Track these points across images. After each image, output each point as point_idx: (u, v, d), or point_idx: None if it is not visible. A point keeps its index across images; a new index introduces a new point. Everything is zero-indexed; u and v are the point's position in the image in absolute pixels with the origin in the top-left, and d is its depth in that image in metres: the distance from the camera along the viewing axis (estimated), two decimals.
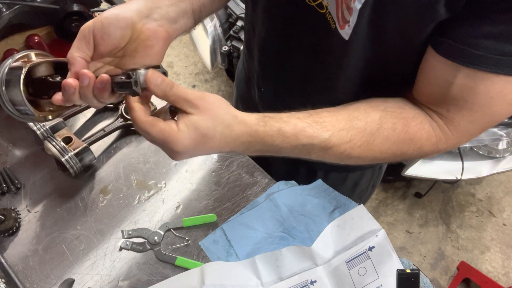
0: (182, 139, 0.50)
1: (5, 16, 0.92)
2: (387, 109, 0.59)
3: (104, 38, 0.53)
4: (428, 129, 0.57)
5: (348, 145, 0.57)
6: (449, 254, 1.94)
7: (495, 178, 2.19)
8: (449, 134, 0.57)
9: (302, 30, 0.65)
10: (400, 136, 0.57)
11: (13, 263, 0.75)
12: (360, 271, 0.69)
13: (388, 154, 0.59)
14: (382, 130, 0.57)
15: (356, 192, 1.00)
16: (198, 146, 0.51)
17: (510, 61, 0.48)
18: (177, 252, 0.76)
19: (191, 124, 0.50)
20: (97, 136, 0.88)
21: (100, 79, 0.50)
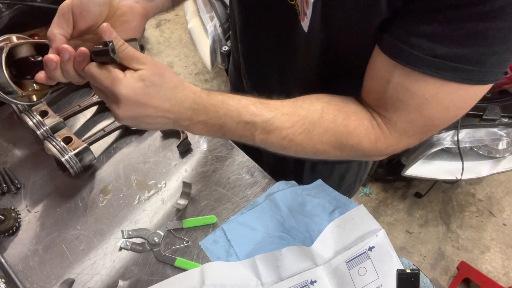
0: (126, 85, 0.49)
1: (5, 16, 0.92)
2: (330, 102, 0.59)
3: (83, 15, 0.54)
4: (367, 125, 0.58)
5: (290, 130, 0.57)
6: (449, 254, 1.94)
7: (495, 178, 2.18)
8: (387, 133, 0.57)
9: (275, 21, 0.67)
10: (340, 128, 0.58)
11: (13, 263, 0.75)
12: (360, 271, 0.69)
13: (328, 145, 0.59)
14: (323, 120, 0.58)
15: (343, 185, 1.01)
16: (141, 99, 0.50)
17: (443, 64, 0.47)
18: (177, 253, 0.76)
19: (137, 75, 0.49)
20: (97, 136, 0.88)
21: (79, 52, 0.50)
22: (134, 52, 0.51)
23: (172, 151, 0.90)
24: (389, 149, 0.59)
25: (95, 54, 0.50)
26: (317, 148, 0.59)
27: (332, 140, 0.58)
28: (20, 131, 0.93)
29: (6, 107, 0.95)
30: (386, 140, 0.58)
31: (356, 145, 0.59)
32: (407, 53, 0.49)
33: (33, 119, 0.85)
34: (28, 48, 0.57)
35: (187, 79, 2.56)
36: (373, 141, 0.58)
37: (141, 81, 0.49)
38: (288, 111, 0.58)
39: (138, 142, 0.92)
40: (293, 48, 0.67)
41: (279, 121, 0.57)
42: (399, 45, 0.49)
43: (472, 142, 1.57)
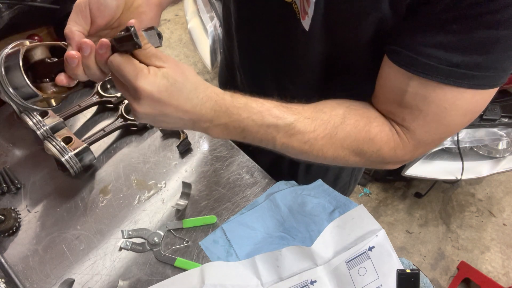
0: (149, 81, 0.48)
1: (5, 16, 0.92)
2: (351, 107, 0.59)
3: (101, 10, 0.54)
4: (388, 132, 0.58)
5: (312, 134, 0.57)
6: (449, 254, 1.94)
7: (495, 178, 2.18)
8: (406, 141, 0.57)
9: (271, 19, 0.67)
10: (362, 134, 0.57)
11: (13, 263, 0.75)
12: (360, 271, 0.69)
13: (348, 151, 0.59)
14: (345, 125, 0.57)
15: (338, 185, 1.01)
16: (163, 97, 0.49)
17: (460, 73, 0.48)
18: (177, 253, 0.76)
19: (161, 73, 0.49)
20: (97, 136, 0.88)
21: (100, 43, 0.50)
22: (156, 51, 0.50)
23: (172, 151, 0.90)
24: (406, 157, 0.59)
25: (118, 41, 0.49)
26: (338, 153, 0.59)
27: (354, 145, 0.58)
28: (20, 131, 0.92)
29: (6, 107, 0.95)
30: (405, 148, 0.58)
31: (376, 151, 0.58)
32: (423, 64, 0.49)
33: (33, 119, 0.85)
34: (43, 51, 0.56)
35: None
36: (392, 148, 0.58)
37: (164, 79, 0.49)
38: (311, 115, 0.57)
39: (138, 142, 0.92)
40: (290, 46, 0.67)
41: (302, 124, 0.56)
42: (413, 57, 0.50)
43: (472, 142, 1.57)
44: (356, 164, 0.62)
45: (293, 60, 0.69)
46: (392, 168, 0.63)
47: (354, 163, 0.61)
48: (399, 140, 0.58)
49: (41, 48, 0.56)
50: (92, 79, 0.54)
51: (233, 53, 0.86)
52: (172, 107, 0.51)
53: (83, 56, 0.50)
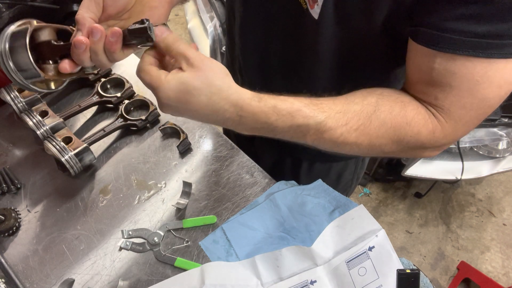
0: (165, 89, 0.50)
1: (5, 16, 0.92)
2: (383, 93, 0.58)
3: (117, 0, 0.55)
4: (424, 114, 0.56)
5: (345, 128, 0.56)
6: (449, 254, 1.94)
7: (495, 178, 2.19)
8: (443, 121, 0.55)
9: (276, 12, 0.66)
10: (397, 119, 0.56)
11: (13, 263, 0.75)
12: (360, 271, 0.69)
13: (385, 139, 0.57)
14: (379, 112, 0.56)
15: (340, 184, 1.01)
16: (181, 102, 0.50)
17: (486, 43, 0.47)
18: (177, 253, 0.76)
19: (178, 78, 0.50)
20: (97, 136, 0.88)
21: (112, 32, 0.50)
22: (185, 51, 0.51)
23: (172, 151, 0.90)
24: (446, 139, 0.57)
25: (132, 32, 0.49)
26: (373, 143, 0.57)
27: (390, 133, 0.56)
28: (20, 131, 0.92)
29: (6, 107, 0.95)
30: (443, 129, 0.56)
31: (415, 135, 0.56)
32: (447, 39, 0.48)
33: (33, 119, 0.85)
34: (49, 32, 0.56)
35: None
36: (431, 131, 0.56)
37: (181, 85, 0.50)
38: (342, 109, 0.56)
39: (138, 142, 0.92)
40: (298, 40, 0.66)
41: (333, 120, 0.55)
42: (437, 34, 0.49)
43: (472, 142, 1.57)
44: (393, 153, 0.59)
45: (302, 54, 0.68)
46: (430, 155, 0.61)
47: (390, 151, 0.59)
48: (437, 122, 0.55)
49: (49, 29, 0.55)
50: (97, 65, 0.54)
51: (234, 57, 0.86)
52: (192, 109, 0.52)
53: (92, 41, 0.51)
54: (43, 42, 0.54)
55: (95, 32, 0.50)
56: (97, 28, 0.50)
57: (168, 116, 0.95)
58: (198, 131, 0.93)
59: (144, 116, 0.92)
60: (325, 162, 0.94)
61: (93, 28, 0.50)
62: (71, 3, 0.96)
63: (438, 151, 0.60)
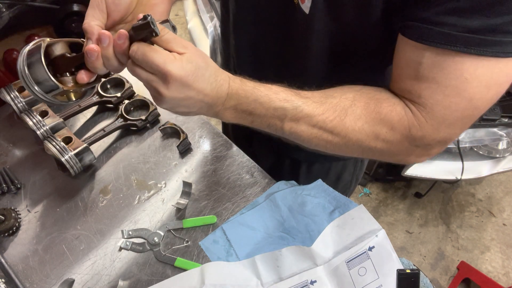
0: (178, 65, 0.50)
1: (5, 16, 0.92)
2: (362, 90, 0.59)
3: (116, 3, 0.56)
4: (399, 111, 0.56)
5: (321, 117, 0.56)
6: (449, 254, 1.94)
7: (495, 178, 2.19)
8: (422, 120, 0.54)
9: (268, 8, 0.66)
10: (372, 115, 0.56)
11: (13, 263, 0.75)
12: (360, 271, 0.69)
13: (361, 134, 0.57)
14: (354, 107, 0.56)
15: (339, 185, 1.01)
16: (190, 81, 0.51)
17: (479, 39, 0.46)
18: (177, 253, 0.76)
19: (186, 58, 0.51)
20: (97, 136, 0.88)
21: (118, 34, 0.52)
22: (175, 36, 0.52)
23: (172, 151, 0.90)
24: (426, 139, 0.55)
25: (135, 29, 0.51)
26: (349, 137, 0.57)
27: (365, 128, 0.57)
28: (20, 131, 0.92)
29: (6, 107, 0.95)
30: (422, 128, 0.54)
31: (389, 131, 0.56)
32: (438, 34, 0.47)
33: (33, 119, 0.85)
34: (62, 46, 0.58)
35: None
36: (406, 127, 0.55)
37: (190, 63, 0.51)
38: (319, 99, 0.57)
39: (138, 142, 0.92)
40: (290, 36, 0.66)
41: (310, 108, 0.56)
42: (427, 28, 0.48)
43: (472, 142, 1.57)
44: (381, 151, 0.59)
45: (294, 50, 0.68)
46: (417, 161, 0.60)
47: (369, 149, 0.59)
48: (414, 119, 0.55)
49: (61, 43, 0.58)
50: (111, 70, 0.56)
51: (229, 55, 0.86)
52: (196, 90, 0.53)
53: (102, 48, 0.52)
54: (58, 56, 0.57)
55: (103, 38, 0.52)
56: (104, 34, 0.51)
57: (168, 116, 0.96)
58: (198, 131, 0.93)
59: (144, 116, 0.92)
60: (324, 162, 0.94)
61: (100, 35, 0.52)
62: (71, 3, 0.96)
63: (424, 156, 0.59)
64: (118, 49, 0.52)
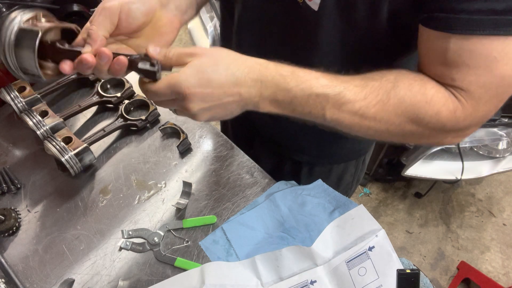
0: (183, 79, 0.50)
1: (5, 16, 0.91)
2: (402, 72, 0.56)
3: (129, 22, 0.56)
4: (444, 93, 0.54)
5: (364, 102, 0.54)
6: (449, 254, 1.94)
7: (495, 178, 2.19)
8: (463, 101, 0.53)
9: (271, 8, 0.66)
10: (417, 97, 0.54)
11: (13, 263, 0.75)
12: (360, 271, 0.69)
13: (404, 117, 0.55)
14: (398, 89, 0.54)
15: (341, 186, 1.00)
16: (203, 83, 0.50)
17: (506, 20, 0.46)
18: (177, 253, 0.76)
19: (189, 66, 0.51)
20: (97, 136, 0.88)
21: (118, 60, 0.52)
22: (181, 51, 0.52)
23: (172, 151, 0.90)
24: (468, 120, 0.54)
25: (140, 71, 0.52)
26: (392, 121, 0.55)
27: (409, 111, 0.54)
28: (20, 131, 0.92)
29: (6, 107, 0.95)
30: (464, 109, 0.53)
31: (434, 115, 0.54)
32: (465, 21, 0.47)
33: (33, 119, 0.85)
34: (55, 33, 0.56)
35: None
36: (452, 110, 0.53)
37: (192, 68, 0.51)
38: (360, 83, 0.54)
39: (138, 142, 0.92)
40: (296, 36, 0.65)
41: (352, 92, 0.54)
42: (453, 17, 0.47)
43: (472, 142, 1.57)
44: (413, 135, 0.57)
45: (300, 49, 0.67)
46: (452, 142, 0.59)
47: (411, 133, 0.57)
48: (457, 101, 0.53)
49: (55, 30, 0.56)
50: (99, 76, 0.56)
51: None
52: (217, 88, 0.51)
53: (98, 62, 0.52)
54: (49, 44, 0.55)
55: (103, 56, 0.51)
56: (105, 53, 0.51)
57: (168, 116, 0.96)
58: (198, 131, 0.93)
59: (144, 116, 0.92)
60: (326, 165, 0.94)
61: (101, 52, 0.51)
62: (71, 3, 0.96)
63: (460, 137, 0.58)
64: (113, 70, 0.53)
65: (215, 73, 0.51)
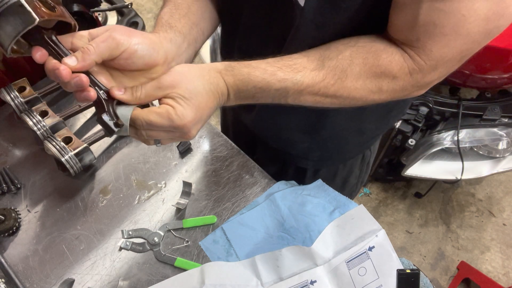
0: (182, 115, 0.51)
1: None
2: (357, 45, 0.58)
3: (128, 63, 0.54)
4: (398, 59, 0.56)
5: (322, 84, 0.57)
6: (449, 254, 1.94)
7: (495, 178, 2.18)
8: (421, 63, 0.55)
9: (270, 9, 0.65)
10: (372, 69, 0.56)
11: (13, 263, 0.75)
12: (360, 271, 0.69)
13: (364, 90, 0.58)
14: (353, 66, 0.57)
15: (346, 189, 1.00)
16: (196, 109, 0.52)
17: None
18: (177, 253, 0.76)
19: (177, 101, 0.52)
20: (97, 136, 0.88)
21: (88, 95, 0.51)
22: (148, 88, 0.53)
23: (172, 151, 0.90)
24: (427, 78, 0.57)
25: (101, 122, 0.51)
26: (353, 95, 0.58)
27: (367, 83, 0.57)
28: (20, 131, 0.92)
29: (6, 107, 0.95)
30: (422, 70, 0.56)
31: (391, 81, 0.57)
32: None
33: (33, 119, 0.85)
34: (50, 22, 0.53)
35: None
36: (407, 73, 0.56)
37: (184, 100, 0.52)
38: (316, 66, 0.57)
39: (138, 142, 0.92)
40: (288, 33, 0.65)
41: (309, 78, 0.56)
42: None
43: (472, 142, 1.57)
44: (379, 100, 0.60)
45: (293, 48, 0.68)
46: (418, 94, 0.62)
47: (375, 100, 0.60)
48: (413, 64, 0.56)
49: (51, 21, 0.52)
50: None
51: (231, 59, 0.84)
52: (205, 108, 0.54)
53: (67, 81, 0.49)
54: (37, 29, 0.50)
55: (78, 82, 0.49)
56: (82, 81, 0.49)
57: None
58: None
59: None
60: (331, 167, 0.94)
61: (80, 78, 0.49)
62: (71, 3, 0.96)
63: (424, 89, 0.61)
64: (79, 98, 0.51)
65: (197, 95, 0.53)
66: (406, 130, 1.61)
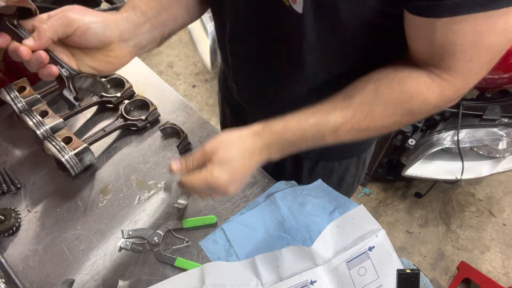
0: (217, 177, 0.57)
1: None
2: (380, 77, 0.60)
3: (82, 40, 0.57)
4: (426, 80, 0.57)
5: (354, 120, 0.59)
6: (449, 254, 1.94)
7: (495, 178, 2.18)
8: (451, 79, 0.56)
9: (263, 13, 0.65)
10: (400, 97, 0.58)
11: (13, 263, 0.75)
12: (360, 271, 0.69)
13: (395, 117, 0.60)
14: (380, 98, 0.58)
15: (342, 187, 1.01)
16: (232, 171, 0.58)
17: None
18: (177, 253, 0.76)
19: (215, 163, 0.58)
20: (97, 136, 0.88)
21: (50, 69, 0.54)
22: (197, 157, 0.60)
23: (172, 151, 0.90)
24: (460, 92, 0.59)
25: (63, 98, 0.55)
26: (386, 123, 0.60)
27: (398, 110, 0.59)
28: (20, 131, 0.92)
29: (6, 107, 0.95)
30: (452, 86, 0.57)
31: (422, 103, 0.58)
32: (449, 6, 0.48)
33: (33, 119, 0.85)
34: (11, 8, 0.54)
35: (187, 79, 2.56)
36: (438, 93, 0.58)
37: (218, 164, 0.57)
38: (344, 105, 0.59)
39: (138, 142, 0.92)
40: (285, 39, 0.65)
41: (340, 117, 0.59)
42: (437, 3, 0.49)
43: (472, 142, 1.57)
44: (414, 121, 0.63)
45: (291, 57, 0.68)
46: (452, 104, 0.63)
47: (409, 122, 0.62)
48: (443, 82, 0.57)
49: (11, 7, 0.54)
50: None
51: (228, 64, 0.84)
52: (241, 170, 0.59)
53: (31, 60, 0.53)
54: None
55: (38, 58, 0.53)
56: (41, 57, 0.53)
57: (168, 116, 0.96)
58: (198, 131, 0.93)
59: (144, 116, 0.92)
60: (326, 164, 0.94)
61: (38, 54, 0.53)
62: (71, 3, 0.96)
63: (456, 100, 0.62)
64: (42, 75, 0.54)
65: (233, 160, 0.58)
66: (406, 130, 1.61)
